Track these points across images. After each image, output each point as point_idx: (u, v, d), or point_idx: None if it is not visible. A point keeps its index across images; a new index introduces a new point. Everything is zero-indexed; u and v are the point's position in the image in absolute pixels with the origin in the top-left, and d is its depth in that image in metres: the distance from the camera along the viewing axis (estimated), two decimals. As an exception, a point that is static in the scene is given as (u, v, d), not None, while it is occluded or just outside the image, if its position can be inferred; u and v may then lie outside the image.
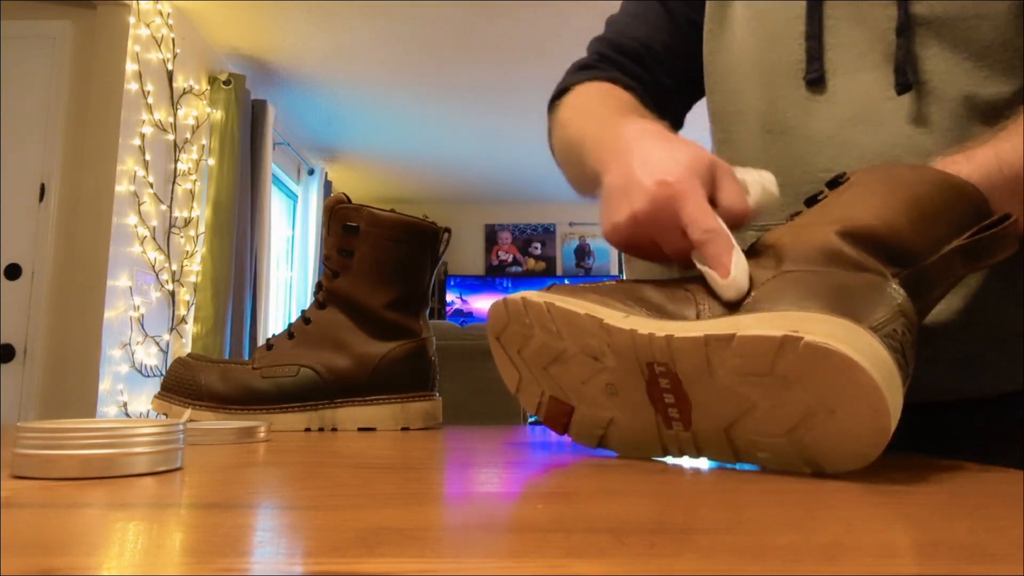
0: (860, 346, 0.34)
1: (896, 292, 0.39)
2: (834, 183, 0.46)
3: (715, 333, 0.37)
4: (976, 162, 0.48)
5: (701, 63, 0.74)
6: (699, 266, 0.44)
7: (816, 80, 0.61)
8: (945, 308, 0.58)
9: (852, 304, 0.37)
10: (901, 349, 0.37)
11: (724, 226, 0.43)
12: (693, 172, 0.45)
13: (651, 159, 0.47)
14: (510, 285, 6.45)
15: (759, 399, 0.37)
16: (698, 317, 0.41)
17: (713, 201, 0.45)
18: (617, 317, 0.42)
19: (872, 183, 0.44)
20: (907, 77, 0.57)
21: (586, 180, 0.62)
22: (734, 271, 0.41)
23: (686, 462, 0.43)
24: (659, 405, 0.41)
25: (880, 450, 0.35)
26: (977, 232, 0.42)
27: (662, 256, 0.49)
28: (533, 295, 0.47)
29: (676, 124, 0.79)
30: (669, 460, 0.43)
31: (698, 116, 0.80)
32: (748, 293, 0.40)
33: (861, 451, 0.35)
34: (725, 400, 0.38)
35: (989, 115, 0.55)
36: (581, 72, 0.77)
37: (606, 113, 0.66)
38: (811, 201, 0.46)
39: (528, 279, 6.46)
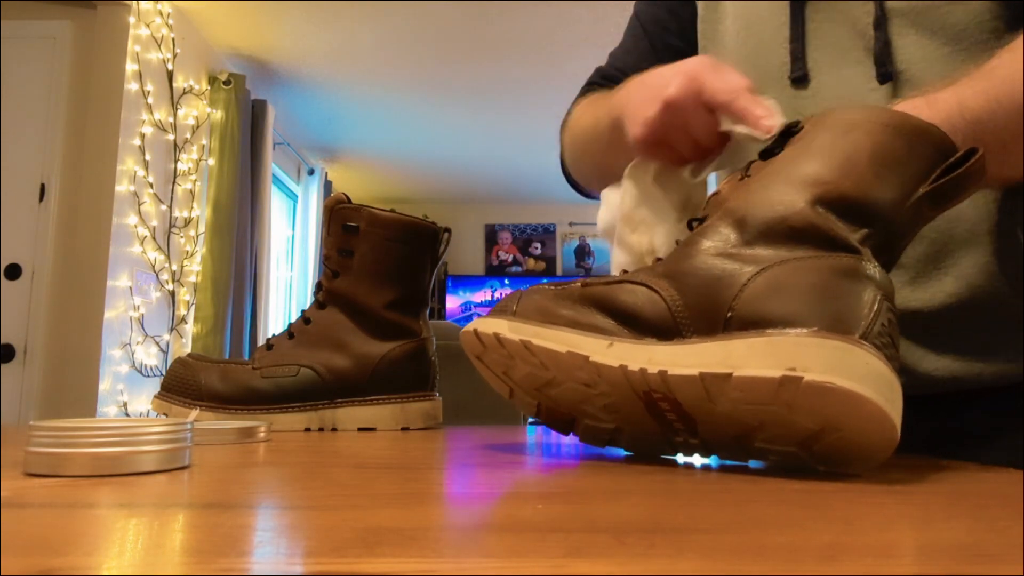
0: (860, 372, 0.33)
1: (873, 270, 0.37)
2: (788, 132, 0.44)
3: (710, 371, 0.35)
4: (936, 108, 0.47)
5: None
6: (736, 130, 0.48)
7: (800, 79, 0.65)
8: (947, 293, 0.58)
9: (838, 308, 0.36)
10: (891, 342, 0.36)
11: (745, 85, 0.48)
12: (702, 63, 0.52)
13: (663, 73, 0.54)
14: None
15: (765, 420, 0.36)
16: (673, 316, 0.39)
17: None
18: (600, 349, 0.40)
19: (828, 132, 0.42)
20: (887, 67, 0.59)
21: (606, 143, 0.66)
22: (770, 120, 0.46)
23: (687, 460, 0.43)
24: (662, 420, 0.41)
25: (890, 453, 0.35)
26: (943, 173, 0.40)
27: (683, 152, 0.53)
28: (505, 331, 0.43)
29: None
30: (680, 458, 0.43)
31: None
32: (729, 305, 0.38)
33: (872, 457, 0.36)
34: (730, 421, 0.37)
35: None
36: (578, 97, 0.84)
37: (607, 96, 0.71)
38: (766, 153, 0.44)
39: (528, 279, 6.46)
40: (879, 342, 0.35)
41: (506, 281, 6.50)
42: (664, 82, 0.52)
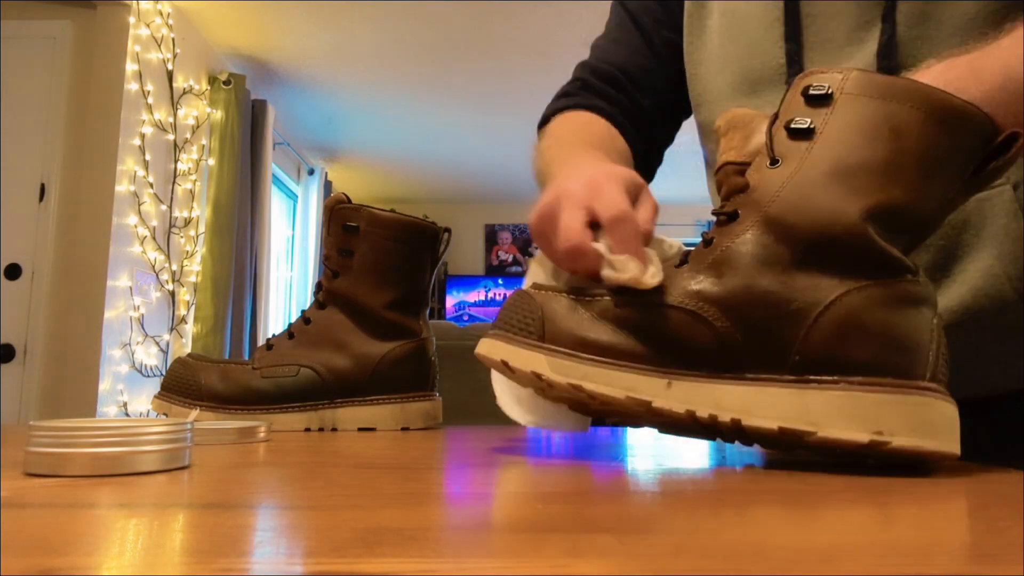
0: (941, 428, 0.35)
1: (927, 291, 0.38)
2: (814, 98, 0.40)
3: (791, 427, 0.36)
4: (981, 78, 0.42)
5: (681, 85, 0.75)
6: (609, 277, 0.42)
7: None
8: (955, 300, 0.57)
9: (910, 353, 0.36)
10: (946, 364, 0.38)
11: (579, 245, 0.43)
12: (589, 184, 0.46)
13: (565, 178, 0.49)
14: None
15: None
16: (724, 346, 0.37)
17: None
18: (660, 390, 0.38)
19: (869, 115, 0.38)
20: (890, 61, 0.57)
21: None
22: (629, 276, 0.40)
23: (686, 462, 0.43)
24: (717, 435, 0.40)
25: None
26: (984, 161, 0.38)
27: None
28: (546, 370, 0.39)
29: (663, 143, 0.81)
30: (678, 459, 0.43)
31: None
32: (797, 347, 0.37)
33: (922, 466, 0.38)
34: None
35: None
36: (562, 100, 0.79)
37: (570, 147, 0.67)
38: (796, 132, 0.40)
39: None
40: (941, 374, 0.37)
41: (500, 281, 6.49)
42: (547, 191, 0.49)
